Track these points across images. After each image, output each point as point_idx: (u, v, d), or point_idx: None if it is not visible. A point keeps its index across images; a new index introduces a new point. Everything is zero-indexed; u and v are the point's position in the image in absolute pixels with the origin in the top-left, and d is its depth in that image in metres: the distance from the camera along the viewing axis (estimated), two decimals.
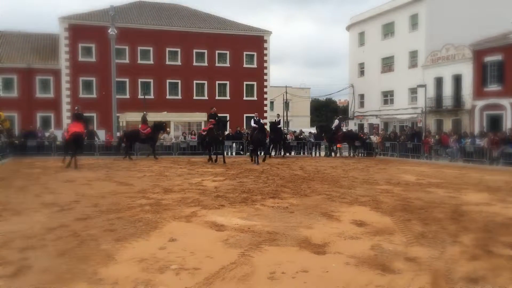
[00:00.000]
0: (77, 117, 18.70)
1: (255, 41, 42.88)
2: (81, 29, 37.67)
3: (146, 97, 38.06)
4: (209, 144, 20.03)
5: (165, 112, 33.65)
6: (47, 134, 25.26)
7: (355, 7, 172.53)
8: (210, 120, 19.74)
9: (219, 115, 20.15)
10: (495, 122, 29.43)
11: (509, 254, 5.41)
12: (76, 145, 17.35)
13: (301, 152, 25.99)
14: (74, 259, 5.12)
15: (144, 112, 24.08)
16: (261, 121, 21.71)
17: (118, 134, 26.80)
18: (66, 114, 37.59)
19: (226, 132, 24.04)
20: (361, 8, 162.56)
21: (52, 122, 36.96)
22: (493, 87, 29.91)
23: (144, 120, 22.39)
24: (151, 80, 39.84)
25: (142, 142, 22.56)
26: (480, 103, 30.69)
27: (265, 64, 43.31)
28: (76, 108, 21.04)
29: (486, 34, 30.61)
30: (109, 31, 28.32)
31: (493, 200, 9.57)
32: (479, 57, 30.96)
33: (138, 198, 9.36)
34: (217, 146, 19.75)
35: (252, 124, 20.56)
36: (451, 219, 7.42)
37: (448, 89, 33.52)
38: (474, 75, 31.30)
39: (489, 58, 30.24)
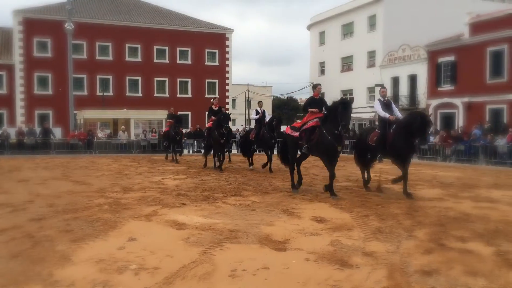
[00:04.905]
0: (171, 117, 19.67)
1: (217, 39, 42.68)
2: (36, 23, 36.33)
3: (105, 94, 37.17)
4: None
5: (125, 109, 32.97)
6: None
7: (304, 5, 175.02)
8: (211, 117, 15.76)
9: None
10: (448, 121, 30.60)
11: (461, 247, 5.64)
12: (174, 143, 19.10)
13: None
14: (28, 261, 4.95)
15: None
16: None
17: (76, 132, 26.08)
18: (19, 111, 36.21)
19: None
20: (309, 6, 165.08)
21: (5, 119, 35.49)
22: (446, 87, 31.06)
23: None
24: (110, 77, 38.93)
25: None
26: (434, 102, 31.80)
27: (227, 62, 43.19)
28: (171, 109, 20.28)
29: (440, 36, 31.74)
30: (65, 25, 27.52)
31: (446, 195, 9.94)
32: (433, 57, 32.07)
33: (96, 198, 9.14)
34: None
35: (255, 116, 15.58)
36: (406, 214, 7.66)
37: (404, 89, 34.53)
38: (428, 75, 32.41)
39: (442, 59, 31.38)
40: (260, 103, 15.98)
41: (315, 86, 10.56)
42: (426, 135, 10.07)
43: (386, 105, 10.17)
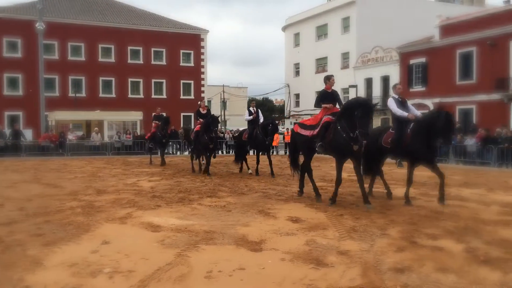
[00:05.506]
0: (158, 118, 18.73)
1: (192, 39, 42.49)
2: (5, 23, 35.42)
3: (77, 95, 36.52)
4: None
5: (98, 110, 32.46)
6: None
7: (276, 6, 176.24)
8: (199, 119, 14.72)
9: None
10: None
11: (432, 245, 5.76)
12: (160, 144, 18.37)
13: None
14: None
15: None
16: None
17: (49, 132, 25.57)
18: None
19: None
20: (282, 7, 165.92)
21: None
22: (418, 88, 31.73)
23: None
24: (83, 78, 38.28)
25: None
26: None
27: (202, 63, 43.03)
28: (158, 109, 19.37)
29: (411, 38, 32.42)
30: (36, 25, 26.95)
31: (418, 194, 10.14)
32: (405, 59, 32.73)
33: (69, 201, 8.98)
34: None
35: (248, 117, 14.50)
36: (379, 213, 7.78)
37: (377, 89, 35.11)
38: (400, 76, 33.04)
39: (414, 61, 32.07)
40: (253, 103, 15.12)
41: (328, 78, 9.39)
42: (451, 134, 8.90)
43: (402, 104, 9.19)
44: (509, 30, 25.60)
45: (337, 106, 9.08)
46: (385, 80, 34.55)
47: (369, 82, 35.96)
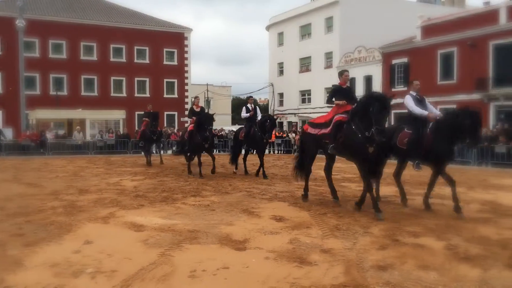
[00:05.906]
0: (147, 116, 18.02)
1: (176, 38, 42.17)
2: None
3: (59, 93, 35.99)
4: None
5: (80, 109, 32.05)
6: None
7: (259, 5, 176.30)
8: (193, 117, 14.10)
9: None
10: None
11: (413, 243, 5.85)
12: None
13: (222, 150, 26.09)
14: None
15: None
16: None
17: (28, 132, 25.18)
18: None
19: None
20: (265, 6, 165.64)
21: None
22: (400, 88, 32.01)
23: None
24: (64, 76, 37.65)
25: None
26: None
27: (185, 62, 42.74)
28: (149, 107, 18.35)
29: (394, 38, 32.77)
30: (16, 22, 26.52)
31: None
32: (387, 59, 33.07)
33: (50, 200, 8.86)
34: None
35: (245, 114, 13.91)
36: (362, 212, 7.84)
37: (360, 89, 35.32)
38: (383, 76, 33.38)
39: (396, 61, 32.41)
40: (250, 99, 14.22)
41: (341, 73, 8.91)
42: (479, 134, 8.12)
43: (419, 101, 8.50)
44: (488, 31, 26.05)
45: (353, 104, 8.35)
46: (368, 79, 34.85)
47: (352, 81, 36.16)
